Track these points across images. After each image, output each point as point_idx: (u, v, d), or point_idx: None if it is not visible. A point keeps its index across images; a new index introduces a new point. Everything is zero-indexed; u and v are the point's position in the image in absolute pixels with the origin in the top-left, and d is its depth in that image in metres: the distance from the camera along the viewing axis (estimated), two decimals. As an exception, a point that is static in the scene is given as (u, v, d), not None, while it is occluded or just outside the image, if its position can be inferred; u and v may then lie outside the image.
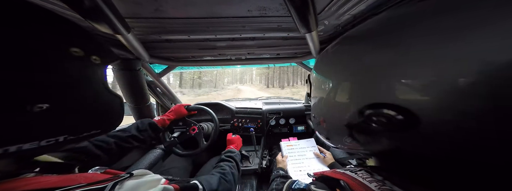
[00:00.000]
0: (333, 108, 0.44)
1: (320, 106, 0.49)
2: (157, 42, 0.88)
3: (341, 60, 0.43)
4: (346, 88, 0.39)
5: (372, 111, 0.31)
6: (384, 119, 0.29)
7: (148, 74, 1.21)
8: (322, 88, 0.47)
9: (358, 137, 0.38)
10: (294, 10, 0.47)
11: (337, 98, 0.41)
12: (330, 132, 0.49)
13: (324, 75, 0.47)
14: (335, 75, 0.44)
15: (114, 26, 0.53)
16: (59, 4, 0.50)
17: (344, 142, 0.44)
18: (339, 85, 0.41)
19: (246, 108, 1.64)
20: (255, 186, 1.21)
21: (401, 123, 0.27)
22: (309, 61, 1.35)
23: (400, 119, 0.27)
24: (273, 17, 0.67)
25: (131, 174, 0.38)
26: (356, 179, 0.36)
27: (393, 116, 0.28)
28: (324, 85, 0.46)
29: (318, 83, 0.50)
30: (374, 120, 0.31)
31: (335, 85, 0.42)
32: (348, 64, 0.39)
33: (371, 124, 0.32)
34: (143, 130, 0.83)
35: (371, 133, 0.34)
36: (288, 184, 0.54)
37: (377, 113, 0.30)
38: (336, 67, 0.44)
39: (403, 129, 0.28)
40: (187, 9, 0.60)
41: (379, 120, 0.30)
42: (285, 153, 1.19)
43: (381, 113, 0.30)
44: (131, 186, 0.35)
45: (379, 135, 0.33)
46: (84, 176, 0.33)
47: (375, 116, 0.31)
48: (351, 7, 0.59)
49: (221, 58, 1.16)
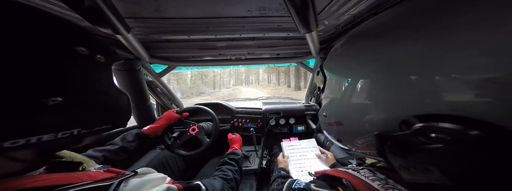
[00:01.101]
0: (353, 110, 0.37)
1: (334, 107, 0.45)
2: (157, 42, 0.88)
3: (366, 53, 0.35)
4: (373, 88, 0.31)
5: (424, 124, 0.23)
6: (447, 136, 0.21)
7: (148, 74, 1.21)
8: (338, 87, 0.41)
9: (394, 150, 0.29)
10: (294, 10, 0.47)
11: (359, 100, 0.34)
12: (344, 134, 0.45)
13: (343, 72, 0.42)
14: (357, 73, 0.36)
15: (114, 26, 0.53)
16: (59, 4, 0.50)
17: (356, 144, 0.39)
18: (363, 84, 0.33)
19: (246, 108, 1.64)
20: (255, 186, 1.21)
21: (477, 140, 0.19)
22: (309, 61, 1.35)
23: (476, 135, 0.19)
24: (273, 17, 0.67)
25: (135, 172, 0.39)
26: (358, 177, 0.36)
27: (461, 132, 0.20)
28: (341, 84, 0.40)
29: (333, 83, 0.46)
30: (430, 136, 0.22)
31: (356, 84, 0.35)
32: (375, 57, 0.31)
33: (421, 140, 0.23)
34: (131, 141, 0.81)
35: (416, 149, 0.25)
36: (288, 184, 0.54)
37: (434, 128, 0.22)
38: (359, 62, 0.36)
39: (477, 147, 0.19)
40: (187, 9, 0.60)
41: (438, 137, 0.22)
42: (286, 153, 1.19)
43: (440, 128, 0.21)
44: (136, 183, 0.36)
45: (431, 153, 0.24)
46: (87, 175, 0.34)
47: (432, 132, 0.22)
48: (351, 7, 0.59)
49: (221, 58, 1.16)
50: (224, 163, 0.80)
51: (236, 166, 0.79)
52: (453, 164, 0.22)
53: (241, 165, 0.84)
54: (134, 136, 0.83)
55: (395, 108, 0.28)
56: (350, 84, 0.37)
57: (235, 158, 0.84)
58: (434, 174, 0.24)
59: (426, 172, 0.24)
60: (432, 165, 0.24)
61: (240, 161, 0.85)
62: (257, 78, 65.44)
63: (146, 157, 1.19)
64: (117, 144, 0.77)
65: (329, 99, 0.48)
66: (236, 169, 0.77)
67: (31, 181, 0.27)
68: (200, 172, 1.17)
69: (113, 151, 0.72)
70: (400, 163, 0.29)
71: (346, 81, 0.39)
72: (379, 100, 0.31)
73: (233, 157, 0.84)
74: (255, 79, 66.18)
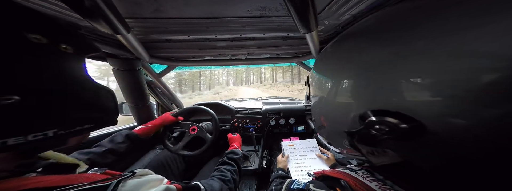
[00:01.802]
0: (332, 110, 0.41)
1: (320, 106, 0.47)
2: (157, 42, 0.88)
3: (340, 58, 0.40)
4: (343, 88, 0.36)
5: (374, 118, 0.28)
6: (387, 127, 0.26)
7: (148, 74, 1.22)
8: (322, 88, 0.45)
9: (359, 146, 0.35)
10: (294, 10, 0.47)
11: (336, 99, 0.38)
12: (331, 135, 0.47)
13: (323, 74, 0.46)
14: (333, 74, 0.41)
15: (114, 26, 0.53)
16: (59, 4, 0.50)
17: (344, 147, 0.42)
18: (338, 85, 0.38)
19: (246, 108, 1.64)
20: (255, 186, 1.20)
21: (408, 132, 0.24)
22: (309, 61, 1.35)
23: (406, 127, 0.24)
24: (273, 17, 0.67)
25: (133, 172, 0.39)
26: (356, 178, 0.36)
27: (397, 124, 0.25)
28: (323, 84, 0.44)
29: (317, 83, 0.49)
30: (375, 128, 0.28)
31: (333, 84, 0.40)
32: (347, 61, 0.37)
33: (373, 133, 0.29)
34: (120, 142, 0.77)
35: (373, 143, 0.30)
36: (287, 184, 0.54)
37: (379, 121, 0.27)
38: (335, 65, 0.41)
39: (409, 138, 0.25)
40: (187, 9, 0.60)
41: (381, 128, 0.27)
42: (286, 152, 1.18)
43: (383, 121, 0.26)
44: (134, 184, 0.35)
45: (384, 146, 0.29)
46: (84, 176, 0.33)
47: (377, 124, 0.27)
48: (351, 7, 0.59)
49: (221, 58, 1.16)
50: (223, 163, 0.79)
51: (235, 166, 0.78)
52: (396, 148, 0.28)
53: (240, 165, 0.83)
54: (123, 137, 0.80)
55: (356, 107, 0.32)
56: (328, 86, 0.41)
57: (235, 158, 0.83)
58: (389, 155, 0.30)
59: (384, 154, 0.31)
60: (386, 148, 0.30)
61: (239, 160, 0.84)
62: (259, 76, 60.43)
63: (146, 157, 1.19)
64: (105, 146, 0.73)
65: (315, 102, 0.50)
66: (235, 170, 0.76)
67: (28, 183, 0.26)
68: (200, 172, 1.17)
69: (100, 154, 0.69)
70: (367, 150, 0.34)
71: (326, 83, 0.42)
72: (348, 100, 0.35)
73: (232, 157, 0.83)
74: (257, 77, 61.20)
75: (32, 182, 0.27)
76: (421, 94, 0.23)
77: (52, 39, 0.29)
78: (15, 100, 0.24)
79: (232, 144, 1.02)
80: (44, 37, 0.28)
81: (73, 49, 0.32)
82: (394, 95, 0.26)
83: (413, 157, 0.27)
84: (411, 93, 0.24)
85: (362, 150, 0.35)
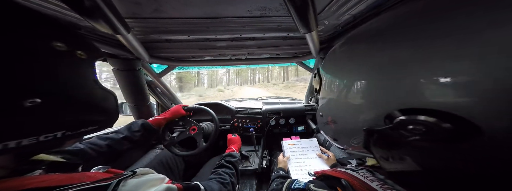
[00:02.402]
0: (346, 109, 0.40)
1: (330, 106, 0.46)
2: (157, 42, 0.88)
3: (363, 53, 0.37)
4: (365, 87, 0.34)
5: (405, 117, 0.26)
6: (423, 127, 0.24)
7: (148, 74, 1.22)
8: (334, 87, 0.43)
9: (378, 144, 0.33)
10: (294, 10, 0.47)
11: (352, 99, 0.37)
12: (339, 133, 0.46)
13: (338, 73, 0.43)
14: (350, 73, 0.39)
15: (114, 26, 0.53)
16: (59, 4, 0.50)
17: (351, 145, 0.41)
18: (356, 84, 0.36)
19: (246, 108, 1.64)
20: (255, 186, 1.21)
21: (449, 134, 0.22)
22: (309, 61, 1.35)
23: (448, 128, 0.22)
24: (273, 17, 0.67)
25: (134, 172, 0.39)
26: (357, 178, 0.36)
27: (435, 124, 0.23)
28: (337, 84, 0.42)
29: (329, 82, 0.47)
30: (408, 128, 0.25)
31: (350, 84, 0.38)
32: (368, 59, 0.34)
33: (400, 133, 0.27)
34: (136, 131, 0.82)
35: (397, 143, 0.29)
36: (287, 184, 0.54)
37: (413, 120, 0.25)
38: (353, 64, 0.39)
39: (459, 140, 0.22)
40: (187, 9, 0.60)
41: (415, 128, 0.25)
42: (286, 152, 1.18)
43: (418, 121, 0.24)
44: (134, 184, 0.35)
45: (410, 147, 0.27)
46: (86, 175, 0.34)
47: (410, 124, 0.25)
48: (351, 7, 0.59)
49: (221, 58, 1.16)
50: (221, 165, 0.79)
51: (233, 169, 0.78)
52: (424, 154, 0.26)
53: (238, 168, 0.84)
54: (139, 126, 0.84)
55: (383, 105, 0.30)
56: (345, 84, 0.39)
57: (232, 161, 0.83)
58: (407, 162, 0.29)
59: (401, 161, 0.30)
60: (406, 155, 0.28)
61: (237, 163, 0.84)
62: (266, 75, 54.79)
63: (146, 157, 1.19)
64: (122, 133, 0.77)
65: (326, 99, 0.49)
66: (233, 172, 0.76)
67: (31, 182, 0.26)
68: (200, 172, 1.17)
69: (118, 140, 0.73)
70: (381, 154, 0.33)
71: (341, 81, 0.41)
72: (370, 99, 0.33)
73: (230, 160, 0.83)
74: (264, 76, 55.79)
75: (36, 181, 0.27)
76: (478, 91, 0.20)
77: (71, 46, 0.31)
78: (36, 102, 0.25)
79: (230, 146, 1.01)
80: (65, 44, 0.30)
81: (87, 55, 0.34)
82: (440, 93, 0.23)
83: (454, 161, 0.24)
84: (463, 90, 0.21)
85: (376, 153, 0.34)
